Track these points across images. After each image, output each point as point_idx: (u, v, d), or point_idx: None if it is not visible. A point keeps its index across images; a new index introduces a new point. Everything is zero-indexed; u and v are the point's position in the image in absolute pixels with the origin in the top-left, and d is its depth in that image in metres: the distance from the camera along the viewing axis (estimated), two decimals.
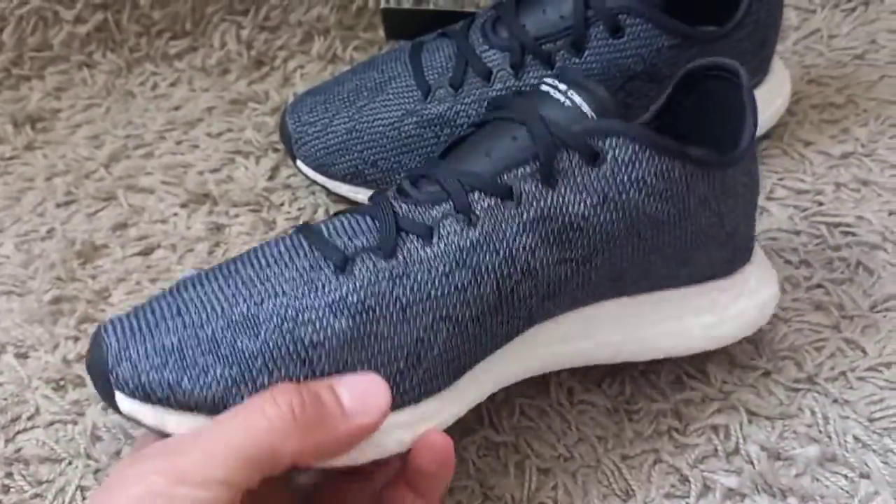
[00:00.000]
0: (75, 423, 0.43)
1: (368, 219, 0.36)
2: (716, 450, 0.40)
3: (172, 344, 0.34)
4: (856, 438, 0.40)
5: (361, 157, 0.50)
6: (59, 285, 0.49)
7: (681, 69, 0.40)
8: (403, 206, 0.36)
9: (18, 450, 0.42)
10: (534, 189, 0.35)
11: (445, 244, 0.35)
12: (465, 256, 0.35)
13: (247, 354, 0.33)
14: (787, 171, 0.53)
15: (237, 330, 0.33)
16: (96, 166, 0.57)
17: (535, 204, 0.35)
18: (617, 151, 0.36)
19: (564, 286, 0.36)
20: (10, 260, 0.51)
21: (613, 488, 0.39)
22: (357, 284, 0.34)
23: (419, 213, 0.36)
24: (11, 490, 0.40)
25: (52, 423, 0.43)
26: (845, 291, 0.46)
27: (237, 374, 0.33)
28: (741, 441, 0.40)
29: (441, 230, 0.35)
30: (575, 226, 0.36)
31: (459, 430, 0.41)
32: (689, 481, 0.39)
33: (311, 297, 0.34)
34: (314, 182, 0.53)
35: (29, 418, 0.43)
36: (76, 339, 0.46)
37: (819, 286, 0.46)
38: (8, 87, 0.63)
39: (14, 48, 0.63)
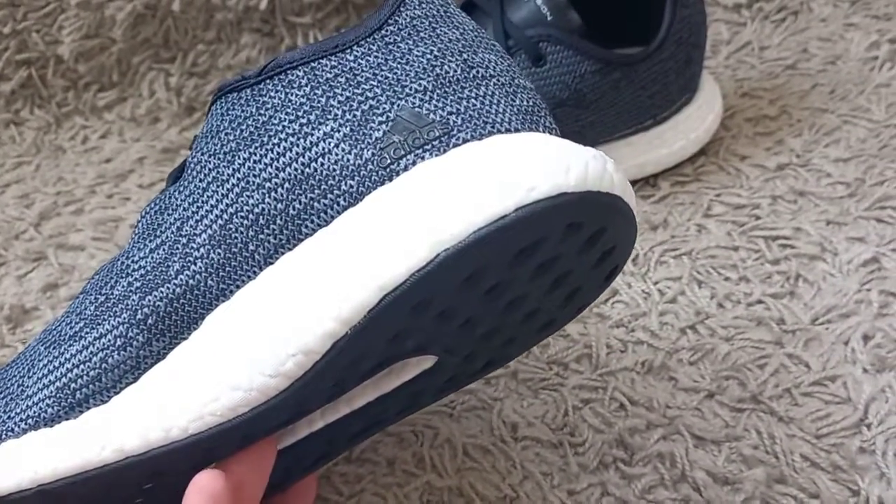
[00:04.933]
0: None
1: None
2: (662, 478, 0.39)
3: None
4: (804, 457, 0.39)
5: None
6: None
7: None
8: None
9: None
10: None
11: None
12: None
13: None
14: (724, 187, 0.53)
15: None
16: (26, 226, 0.56)
17: None
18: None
19: None
20: None
21: None
22: None
23: None
24: None
25: None
26: (786, 305, 0.46)
27: None
28: (687, 467, 0.39)
29: None
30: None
31: (402, 476, 0.40)
32: None
33: None
34: None
35: None
36: None
37: (759, 301, 0.46)
38: None
39: None
